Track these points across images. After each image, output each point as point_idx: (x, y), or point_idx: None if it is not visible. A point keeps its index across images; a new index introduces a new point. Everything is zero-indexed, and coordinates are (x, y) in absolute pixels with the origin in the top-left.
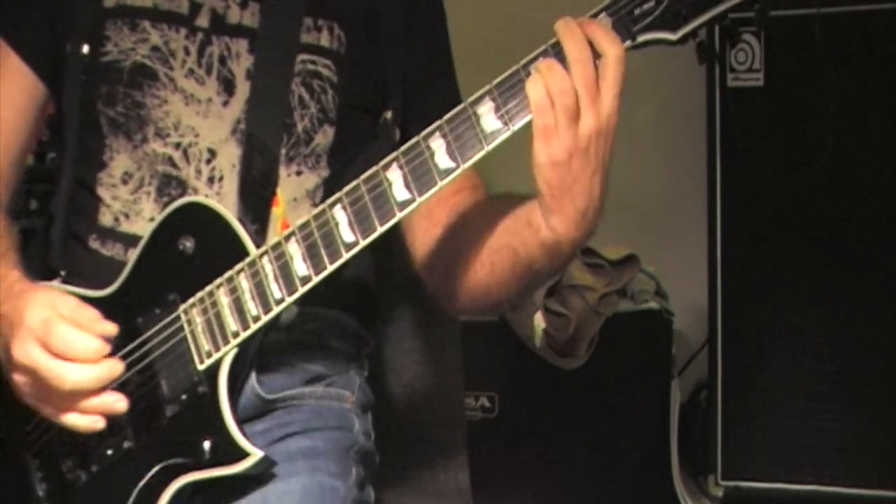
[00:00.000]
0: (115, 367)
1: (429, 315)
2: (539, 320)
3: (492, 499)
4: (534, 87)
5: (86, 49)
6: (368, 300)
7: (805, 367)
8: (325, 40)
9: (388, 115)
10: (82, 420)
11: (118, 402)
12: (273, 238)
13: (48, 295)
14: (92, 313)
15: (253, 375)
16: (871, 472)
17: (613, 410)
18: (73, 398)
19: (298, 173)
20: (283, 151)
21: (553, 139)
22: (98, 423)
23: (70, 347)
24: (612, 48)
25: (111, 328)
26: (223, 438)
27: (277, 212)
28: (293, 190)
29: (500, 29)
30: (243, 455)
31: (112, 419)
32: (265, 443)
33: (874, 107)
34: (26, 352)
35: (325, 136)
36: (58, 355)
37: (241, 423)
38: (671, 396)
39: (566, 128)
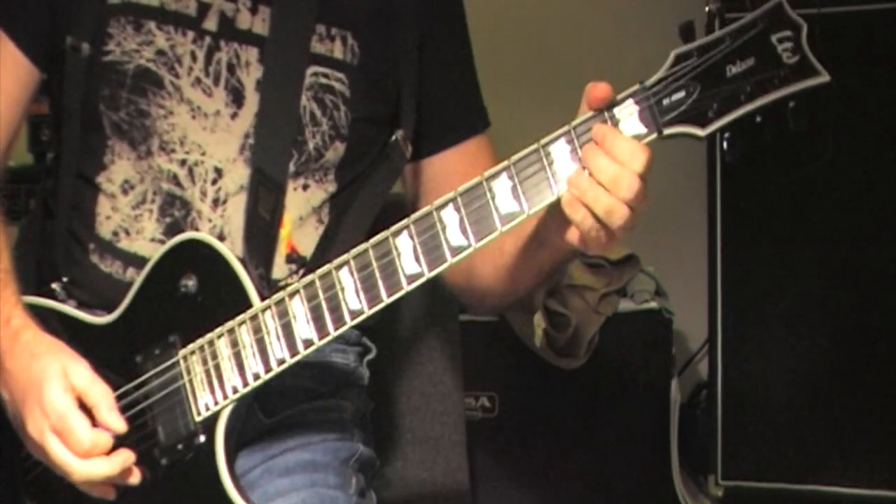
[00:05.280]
0: (128, 459)
1: (429, 315)
2: (539, 320)
3: (492, 499)
4: (575, 212)
5: (87, 46)
6: None
7: (805, 367)
8: (338, 52)
9: (400, 133)
10: (94, 491)
11: (131, 480)
12: (277, 294)
13: (61, 361)
14: (105, 396)
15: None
16: (871, 472)
17: (613, 410)
18: None
19: (305, 187)
20: (292, 168)
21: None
22: (109, 495)
23: (84, 450)
24: (634, 163)
25: (121, 426)
26: (218, 493)
27: (283, 233)
28: (299, 207)
29: (521, 38)
30: None
31: None
32: (264, 459)
33: (874, 107)
34: (41, 434)
35: (335, 152)
36: (72, 450)
37: (236, 470)
38: (671, 396)
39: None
